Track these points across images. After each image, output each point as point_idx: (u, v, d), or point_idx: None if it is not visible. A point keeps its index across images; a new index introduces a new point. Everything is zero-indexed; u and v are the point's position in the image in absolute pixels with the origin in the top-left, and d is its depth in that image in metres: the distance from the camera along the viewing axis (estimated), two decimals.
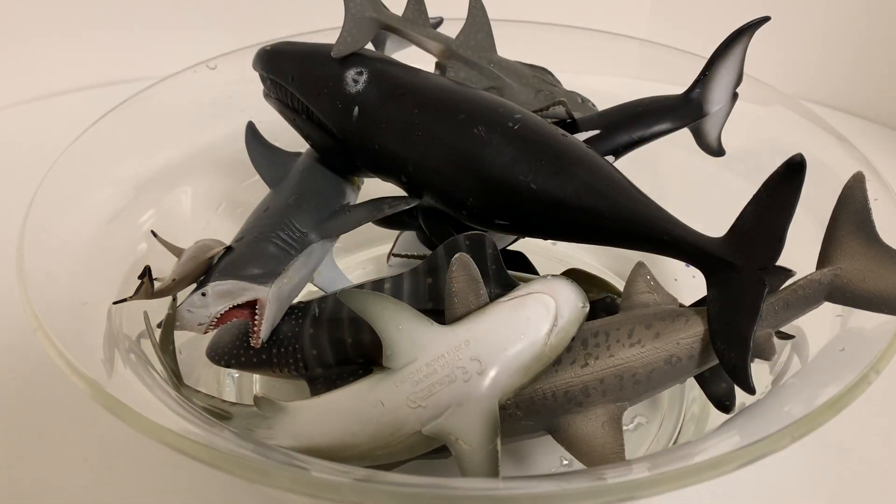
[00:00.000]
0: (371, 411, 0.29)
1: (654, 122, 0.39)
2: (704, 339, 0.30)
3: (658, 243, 0.31)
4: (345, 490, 0.24)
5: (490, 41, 0.42)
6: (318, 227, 0.36)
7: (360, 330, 0.34)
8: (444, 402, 0.28)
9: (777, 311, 0.30)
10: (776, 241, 0.28)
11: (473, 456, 0.28)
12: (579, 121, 0.39)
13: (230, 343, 0.36)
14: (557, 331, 0.29)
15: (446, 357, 0.29)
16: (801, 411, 0.26)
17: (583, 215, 0.31)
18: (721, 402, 0.35)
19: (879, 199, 0.32)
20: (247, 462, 0.25)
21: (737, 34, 0.38)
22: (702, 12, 0.76)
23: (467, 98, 0.35)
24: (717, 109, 0.40)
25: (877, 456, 0.40)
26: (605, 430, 0.30)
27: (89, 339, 0.32)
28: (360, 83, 0.36)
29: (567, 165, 0.32)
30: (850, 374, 0.27)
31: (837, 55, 0.73)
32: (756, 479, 0.37)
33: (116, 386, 0.28)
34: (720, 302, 0.30)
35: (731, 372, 0.29)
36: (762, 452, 0.25)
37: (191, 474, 0.37)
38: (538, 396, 0.30)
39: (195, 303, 0.33)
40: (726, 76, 0.39)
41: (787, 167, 0.27)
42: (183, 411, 0.30)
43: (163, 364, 0.34)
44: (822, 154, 0.38)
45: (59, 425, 0.40)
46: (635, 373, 0.30)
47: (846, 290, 0.30)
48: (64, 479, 0.37)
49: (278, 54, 0.39)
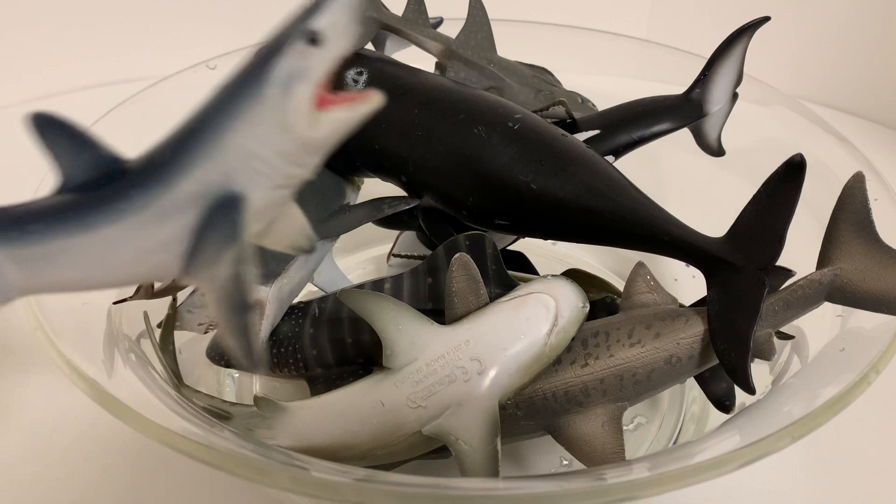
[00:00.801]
0: (371, 411, 0.29)
1: (654, 122, 0.39)
2: (704, 340, 0.30)
3: (658, 243, 0.31)
4: (345, 490, 0.24)
5: (490, 41, 0.42)
6: (318, 227, 0.36)
7: (360, 330, 0.34)
8: (444, 402, 0.28)
9: (777, 311, 0.30)
10: (776, 241, 0.28)
11: (473, 456, 0.28)
12: (579, 121, 0.39)
13: None
14: (557, 331, 0.29)
15: (446, 357, 0.29)
16: (801, 411, 0.26)
17: (583, 215, 0.31)
18: (721, 402, 0.35)
19: (879, 199, 0.32)
20: (247, 462, 0.25)
21: (737, 34, 0.38)
22: (701, 12, 0.76)
23: (467, 98, 0.35)
24: (717, 109, 0.40)
25: (877, 456, 0.40)
26: (605, 431, 0.30)
27: (89, 339, 0.32)
28: (359, 83, 0.36)
29: (567, 165, 0.32)
30: (850, 375, 0.27)
31: (838, 55, 0.73)
32: (756, 480, 0.37)
33: (116, 386, 0.28)
34: (720, 302, 0.30)
35: (731, 372, 0.29)
36: (762, 452, 0.25)
37: (191, 474, 0.37)
38: (538, 396, 0.30)
39: (195, 303, 0.33)
40: (726, 76, 0.39)
41: (787, 167, 0.27)
42: (183, 411, 0.30)
43: (163, 364, 0.34)
44: (822, 154, 0.38)
45: (58, 425, 0.40)
46: (635, 373, 0.30)
47: (846, 291, 0.30)
48: (64, 479, 0.37)
49: None
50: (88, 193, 0.21)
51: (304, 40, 0.21)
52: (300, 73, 0.21)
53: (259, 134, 0.21)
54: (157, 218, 0.21)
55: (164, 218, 0.21)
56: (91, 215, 0.21)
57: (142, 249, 0.21)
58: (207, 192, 0.21)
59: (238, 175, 0.21)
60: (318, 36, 0.21)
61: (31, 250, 0.21)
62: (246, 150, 0.21)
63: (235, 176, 0.21)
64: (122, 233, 0.21)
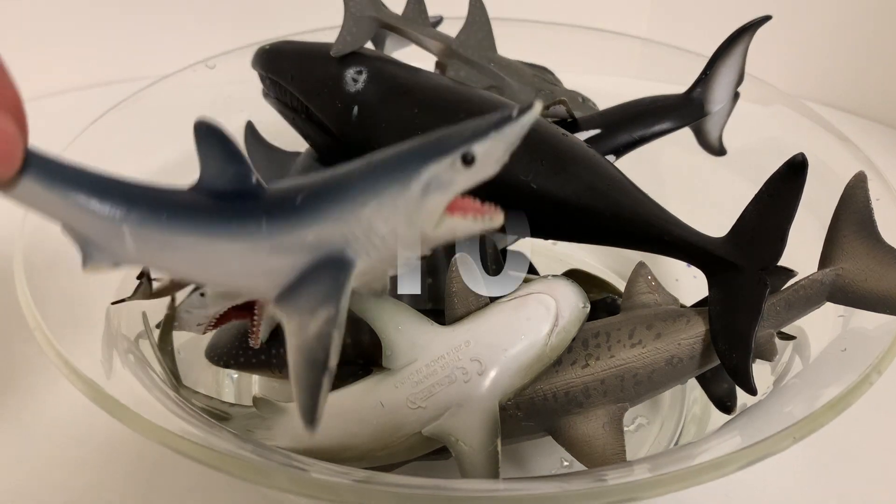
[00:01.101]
0: (371, 412, 0.29)
1: (656, 121, 0.39)
2: (706, 340, 0.30)
3: (659, 243, 0.31)
4: (344, 491, 0.24)
5: (490, 40, 0.42)
6: None
7: (360, 330, 0.33)
8: (444, 403, 0.28)
9: (779, 311, 0.30)
10: (778, 241, 0.28)
11: (474, 457, 0.28)
12: (580, 120, 0.39)
13: (229, 343, 0.35)
14: (558, 331, 0.29)
15: (446, 358, 0.29)
16: (802, 412, 0.26)
17: (583, 215, 0.31)
18: (722, 403, 0.35)
19: (881, 198, 0.32)
20: (246, 463, 0.25)
21: (738, 33, 0.38)
22: (702, 11, 0.76)
23: (467, 97, 0.35)
24: (719, 109, 0.39)
25: (879, 457, 0.39)
26: (605, 431, 0.30)
27: (88, 340, 0.32)
28: (359, 82, 0.36)
29: (568, 165, 0.32)
30: (851, 375, 0.27)
31: (839, 54, 0.73)
32: (758, 481, 0.37)
33: (115, 387, 0.28)
34: (722, 302, 0.29)
35: (733, 372, 0.29)
36: (764, 453, 0.25)
37: (190, 475, 0.37)
38: (539, 397, 0.30)
39: (194, 303, 0.33)
40: (727, 75, 0.39)
41: (788, 167, 0.27)
42: (182, 412, 0.30)
43: (161, 365, 0.34)
44: (823, 154, 0.38)
45: (57, 426, 0.40)
46: (636, 373, 0.30)
47: (848, 291, 0.30)
48: (62, 480, 0.37)
49: (277, 53, 0.39)
50: (222, 202, 0.23)
51: (460, 157, 0.22)
52: (443, 184, 0.22)
53: (388, 218, 0.22)
54: (273, 250, 0.23)
55: (280, 252, 0.23)
56: (217, 224, 0.23)
57: (248, 269, 0.23)
58: (326, 247, 0.23)
59: (356, 244, 0.23)
60: (472, 158, 0.22)
61: (154, 234, 0.22)
62: (371, 227, 0.23)
63: (354, 243, 0.23)
64: (238, 250, 0.23)
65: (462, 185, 0.23)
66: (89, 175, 0.22)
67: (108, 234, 0.22)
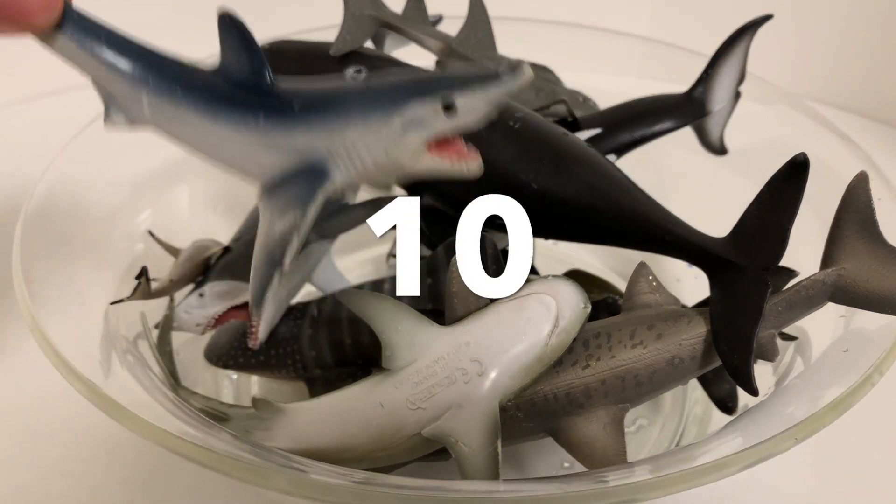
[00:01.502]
0: (370, 413, 0.29)
1: (657, 120, 0.39)
2: (707, 340, 0.30)
3: (660, 243, 0.31)
4: (344, 493, 0.24)
5: (490, 39, 0.41)
6: (317, 227, 0.36)
7: (360, 331, 0.33)
8: (444, 404, 0.28)
9: (780, 311, 0.30)
10: (779, 241, 0.28)
11: (474, 458, 0.28)
12: (581, 119, 0.39)
13: (228, 344, 0.35)
14: (559, 332, 0.29)
15: (446, 358, 0.29)
16: (804, 413, 0.26)
17: (584, 215, 0.31)
18: (724, 404, 0.35)
19: (883, 198, 0.32)
20: (245, 464, 0.24)
21: (739, 32, 0.38)
22: (704, 10, 0.76)
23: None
24: (720, 108, 0.39)
25: (881, 457, 0.39)
26: (606, 433, 0.29)
27: (86, 340, 0.32)
28: (358, 81, 0.36)
29: (568, 165, 0.32)
30: (853, 376, 0.27)
31: (841, 54, 0.73)
32: (760, 482, 0.37)
33: (113, 387, 0.28)
34: (723, 303, 0.29)
35: (734, 373, 0.29)
36: (765, 454, 0.24)
37: (188, 476, 0.37)
38: (539, 398, 0.30)
39: (193, 304, 0.33)
40: (729, 74, 0.39)
41: (790, 167, 0.27)
42: (180, 413, 0.30)
43: (160, 365, 0.34)
44: (825, 153, 0.38)
45: (55, 427, 0.40)
46: (637, 374, 0.30)
47: (850, 291, 0.30)
48: (60, 481, 0.37)
49: (277, 52, 0.39)
50: (230, 90, 0.25)
51: (442, 103, 0.24)
52: (423, 125, 0.24)
53: (369, 143, 0.25)
54: (267, 146, 0.25)
55: (272, 149, 0.25)
56: (221, 109, 0.25)
57: (241, 154, 0.26)
58: (310, 155, 0.25)
59: (337, 158, 0.25)
60: (453, 107, 0.24)
61: (166, 105, 0.25)
62: (353, 146, 0.25)
63: (335, 158, 0.25)
64: (236, 137, 0.25)
65: (441, 128, 0.24)
66: (118, 38, 0.25)
67: (130, 96, 0.25)
